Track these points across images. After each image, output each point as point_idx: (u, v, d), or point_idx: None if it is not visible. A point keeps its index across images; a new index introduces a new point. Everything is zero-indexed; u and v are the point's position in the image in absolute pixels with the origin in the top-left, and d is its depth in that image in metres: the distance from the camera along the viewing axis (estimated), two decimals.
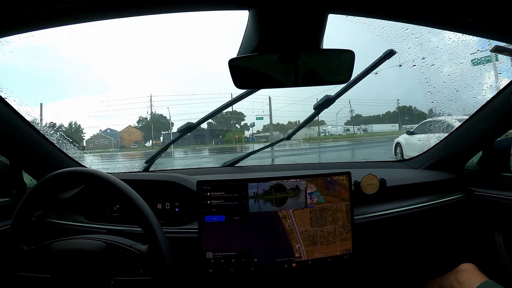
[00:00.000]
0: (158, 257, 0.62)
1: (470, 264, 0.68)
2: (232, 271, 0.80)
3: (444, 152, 1.11)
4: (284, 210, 0.82)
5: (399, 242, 0.98)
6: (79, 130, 23.32)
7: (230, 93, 19.83)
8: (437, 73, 1.47)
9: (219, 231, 0.81)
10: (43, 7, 0.42)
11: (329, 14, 0.52)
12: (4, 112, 0.84)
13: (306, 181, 0.83)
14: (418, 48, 1.37)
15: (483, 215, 0.98)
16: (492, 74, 1.70)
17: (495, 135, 0.97)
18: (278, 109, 30.89)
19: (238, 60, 0.61)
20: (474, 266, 0.67)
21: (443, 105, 1.45)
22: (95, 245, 0.63)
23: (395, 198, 0.96)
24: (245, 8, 0.51)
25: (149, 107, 23.80)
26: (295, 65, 0.61)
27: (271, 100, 19.64)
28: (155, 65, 53.07)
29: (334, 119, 27.62)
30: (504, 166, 1.01)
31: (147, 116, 25.13)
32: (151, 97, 23.56)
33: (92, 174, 0.67)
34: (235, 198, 0.81)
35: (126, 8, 0.46)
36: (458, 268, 0.69)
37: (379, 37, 1.11)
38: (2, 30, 0.47)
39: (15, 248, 0.66)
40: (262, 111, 18.30)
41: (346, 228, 0.84)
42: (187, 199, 0.92)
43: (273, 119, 23.04)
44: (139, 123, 26.18)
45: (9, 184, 1.00)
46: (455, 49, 1.52)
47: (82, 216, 0.93)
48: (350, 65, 0.62)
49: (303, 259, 0.82)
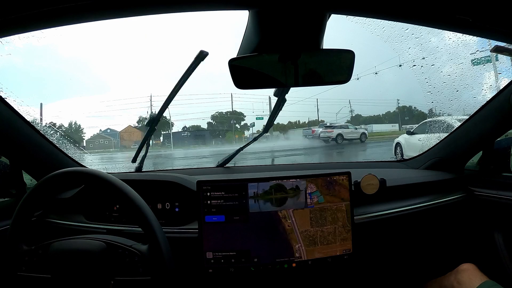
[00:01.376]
0: (158, 257, 0.62)
1: (470, 264, 0.68)
2: (232, 271, 0.80)
3: (444, 152, 1.11)
4: (284, 210, 0.82)
5: (399, 242, 0.98)
6: (79, 130, 23.31)
7: (230, 93, 19.65)
8: (437, 73, 1.47)
9: (219, 231, 0.81)
10: (43, 7, 0.42)
11: (329, 14, 0.52)
12: (4, 112, 0.84)
13: (306, 181, 0.83)
14: (418, 48, 1.37)
15: (483, 215, 0.98)
16: (492, 74, 1.70)
17: (495, 135, 0.97)
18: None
19: (238, 60, 0.61)
20: (474, 266, 0.67)
21: (443, 105, 1.45)
22: (95, 245, 0.63)
23: (395, 198, 0.96)
24: (245, 8, 0.51)
25: (149, 107, 23.81)
26: (295, 65, 0.61)
27: (271, 100, 19.64)
28: (155, 65, 53.14)
29: (334, 119, 27.61)
30: (504, 166, 1.00)
31: (147, 116, 25.13)
32: (151, 97, 23.54)
33: (92, 174, 0.67)
34: (235, 198, 0.81)
35: (126, 8, 0.46)
36: (458, 268, 0.69)
37: (379, 37, 1.12)
38: (2, 30, 0.47)
39: (15, 248, 0.66)
40: (262, 111, 18.30)
41: (346, 228, 0.84)
42: (187, 199, 0.92)
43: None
44: (139, 123, 26.17)
45: (9, 184, 1.00)
46: (455, 49, 1.52)
47: (82, 216, 0.93)
48: (350, 65, 0.62)
49: (303, 259, 0.82)
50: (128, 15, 0.49)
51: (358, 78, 15.54)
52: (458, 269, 0.69)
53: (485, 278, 0.64)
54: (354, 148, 11.26)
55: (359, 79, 15.66)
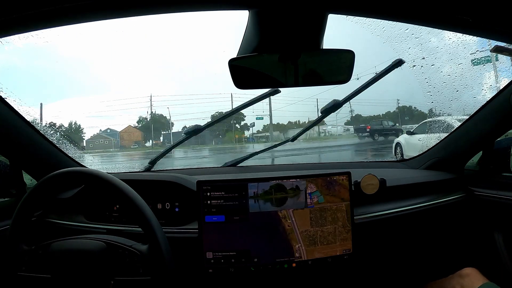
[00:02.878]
0: (158, 257, 0.62)
1: (472, 269, 0.67)
2: (232, 271, 0.80)
3: (444, 152, 1.11)
4: (284, 210, 0.82)
5: (399, 242, 0.98)
6: (79, 130, 23.27)
7: (230, 93, 19.59)
8: (437, 73, 1.47)
9: (219, 231, 0.81)
10: (43, 7, 0.42)
11: (329, 14, 0.52)
12: (4, 112, 0.84)
13: (306, 181, 0.83)
14: (418, 48, 1.37)
15: (483, 215, 0.98)
16: (492, 74, 1.70)
17: (495, 135, 0.97)
18: (278, 109, 30.88)
19: (238, 60, 0.61)
20: (476, 270, 0.66)
21: (443, 105, 1.45)
22: (95, 245, 0.63)
23: (395, 198, 0.96)
24: (245, 8, 0.51)
25: (149, 107, 23.77)
26: (295, 65, 0.61)
27: (271, 100, 19.61)
28: (155, 65, 53.17)
29: (334, 119, 27.60)
30: (504, 166, 1.00)
31: (147, 116, 25.11)
32: (151, 97, 23.52)
33: (92, 174, 0.67)
34: (235, 198, 0.81)
35: (126, 8, 0.46)
36: (461, 273, 0.68)
37: (379, 37, 1.11)
38: (2, 30, 0.47)
39: (15, 248, 0.66)
40: (262, 111, 18.25)
41: (346, 228, 0.84)
42: (187, 199, 0.92)
43: (273, 119, 23.03)
44: (139, 123, 26.14)
45: (9, 184, 1.00)
46: (455, 49, 1.52)
47: (82, 216, 0.93)
48: (350, 65, 0.62)
49: (303, 259, 0.82)
50: (128, 15, 0.49)
51: (358, 78, 15.46)
52: (460, 273, 0.68)
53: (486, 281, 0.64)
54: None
55: (359, 79, 15.57)
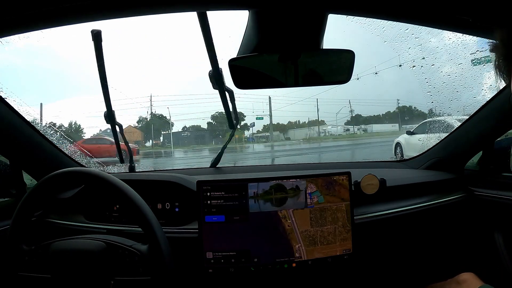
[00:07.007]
0: (158, 257, 0.62)
1: (470, 274, 0.66)
2: (232, 271, 0.80)
3: (444, 152, 1.10)
4: (284, 210, 0.82)
5: (399, 242, 0.98)
6: (79, 130, 23.26)
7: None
8: (437, 73, 1.47)
9: (219, 231, 0.81)
10: (43, 7, 0.42)
11: (329, 14, 0.52)
12: (4, 112, 0.84)
13: (306, 181, 0.83)
14: (418, 48, 1.37)
15: (483, 215, 0.98)
16: (492, 74, 1.70)
17: (495, 135, 0.97)
18: (278, 109, 30.87)
19: (238, 60, 0.61)
20: (474, 275, 0.65)
21: (443, 105, 1.45)
22: (95, 245, 0.63)
23: (395, 198, 0.96)
24: (245, 8, 0.51)
25: (149, 107, 23.78)
26: (295, 65, 0.61)
27: (271, 100, 19.64)
28: (155, 65, 53.18)
29: (334, 119, 27.62)
30: (504, 166, 1.00)
31: (147, 116, 25.12)
32: (151, 97, 23.53)
33: (92, 174, 0.67)
34: (235, 198, 0.81)
35: (126, 8, 0.46)
36: (457, 279, 0.67)
37: (379, 37, 1.12)
38: (2, 30, 0.47)
39: (15, 248, 0.66)
40: (262, 111, 18.30)
41: (346, 228, 0.84)
42: (187, 199, 0.92)
43: (273, 119, 23.01)
44: (139, 123, 26.15)
45: (9, 184, 1.00)
46: (455, 49, 1.52)
47: (82, 216, 0.93)
48: (350, 65, 0.62)
49: (303, 259, 0.82)
50: (128, 15, 0.49)
51: (358, 78, 15.55)
52: (458, 279, 0.67)
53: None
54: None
55: (359, 79, 15.66)
